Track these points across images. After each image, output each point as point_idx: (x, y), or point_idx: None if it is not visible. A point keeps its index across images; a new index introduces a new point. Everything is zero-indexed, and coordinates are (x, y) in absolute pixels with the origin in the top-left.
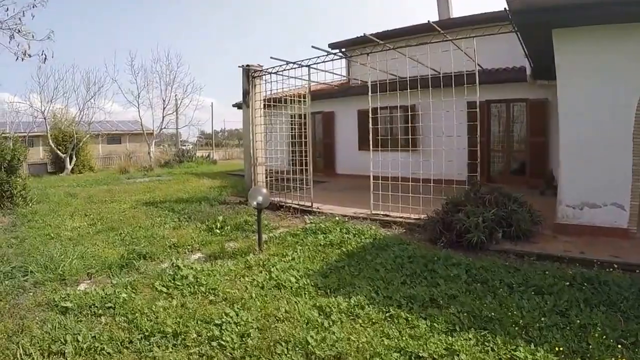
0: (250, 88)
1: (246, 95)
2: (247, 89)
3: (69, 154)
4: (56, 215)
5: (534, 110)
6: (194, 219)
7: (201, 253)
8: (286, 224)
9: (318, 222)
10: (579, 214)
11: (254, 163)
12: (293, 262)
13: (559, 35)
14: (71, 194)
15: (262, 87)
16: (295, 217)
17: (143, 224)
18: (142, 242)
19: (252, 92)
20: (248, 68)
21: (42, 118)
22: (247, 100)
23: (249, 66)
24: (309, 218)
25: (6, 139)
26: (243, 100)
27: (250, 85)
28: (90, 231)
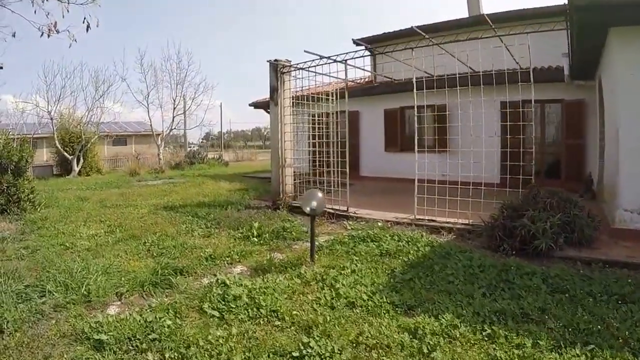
0: (278, 84)
1: (274, 92)
2: (275, 85)
3: (77, 156)
4: (68, 221)
5: (570, 111)
6: (224, 226)
7: (243, 266)
8: (325, 230)
9: (360, 228)
10: (636, 219)
11: (282, 164)
12: (355, 275)
13: (617, 33)
14: (82, 198)
15: (291, 84)
16: (332, 223)
17: (168, 231)
18: (172, 253)
19: (280, 88)
20: (276, 63)
21: (48, 118)
22: (275, 98)
23: (278, 61)
24: (348, 224)
25: (13, 140)
26: (270, 98)
27: (279, 82)
28: (110, 240)
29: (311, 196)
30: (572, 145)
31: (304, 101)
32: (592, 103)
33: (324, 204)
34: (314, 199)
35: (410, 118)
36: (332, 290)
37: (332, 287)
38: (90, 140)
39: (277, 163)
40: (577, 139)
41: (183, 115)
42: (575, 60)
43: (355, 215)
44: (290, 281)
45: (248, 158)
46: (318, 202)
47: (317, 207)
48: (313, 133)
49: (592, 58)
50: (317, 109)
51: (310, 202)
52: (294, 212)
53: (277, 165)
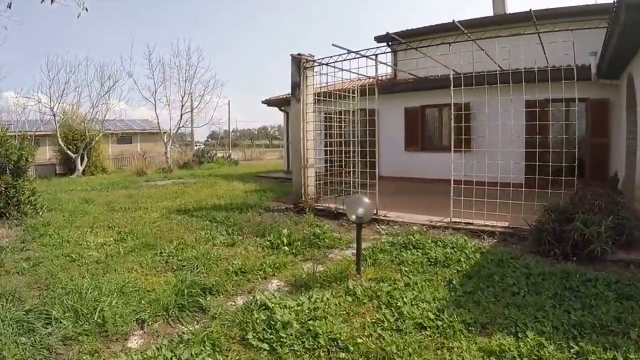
0: (301, 80)
1: (296, 88)
2: (297, 81)
3: (80, 154)
4: (73, 227)
5: (595, 110)
6: (248, 232)
7: (279, 280)
8: (353, 235)
9: (395, 232)
10: None
11: (304, 165)
12: (411, 289)
13: None
14: (87, 200)
15: (314, 80)
16: (363, 227)
17: (185, 238)
18: (194, 266)
19: (303, 84)
20: (299, 58)
21: (50, 115)
22: (297, 94)
23: (301, 55)
24: (381, 228)
25: (13, 137)
26: (292, 94)
27: (302, 77)
28: (121, 249)
29: (357, 202)
30: (598, 144)
31: (324, 98)
32: (616, 102)
33: (372, 211)
34: (360, 205)
35: (429, 117)
36: (392, 309)
37: (391, 306)
38: (95, 138)
39: (299, 163)
40: (602, 138)
41: (191, 113)
42: (607, 58)
43: (386, 218)
44: (339, 299)
45: (257, 157)
46: (365, 208)
47: (364, 215)
48: (331, 132)
49: (625, 57)
50: (337, 106)
51: (356, 208)
52: (319, 215)
53: (298, 166)
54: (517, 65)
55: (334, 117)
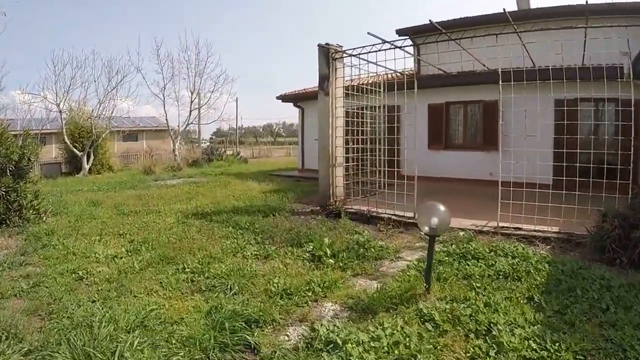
0: (330, 72)
1: (325, 80)
2: (326, 73)
3: (87, 152)
4: (80, 235)
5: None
6: (281, 241)
7: (333, 303)
8: (401, 242)
9: (444, 239)
10: None
11: (332, 164)
12: (495, 311)
13: None
14: (94, 202)
15: (344, 72)
16: (402, 232)
17: (209, 249)
18: (227, 286)
19: (332, 76)
20: (328, 48)
21: (57, 111)
22: (325, 87)
23: (329, 45)
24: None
25: (15, 136)
26: (320, 87)
27: (331, 69)
28: (135, 264)
29: (430, 211)
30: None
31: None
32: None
33: (448, 221)
34: (435, 214)
35: (454, 114)
36: (486, 338)
37: (481, 333)
38: (102, 135)
39: (327, 162)
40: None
41: (198, 110)
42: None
43: None
44: (417, 327)
45: (265, 155)
46: (441, 218)
47: (440, 226)
48: (355, 128)
49: None
50: (360, 101)
51: (429, 218)
52: (351, 219)
53: (326, 165)
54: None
55: (358, 113)
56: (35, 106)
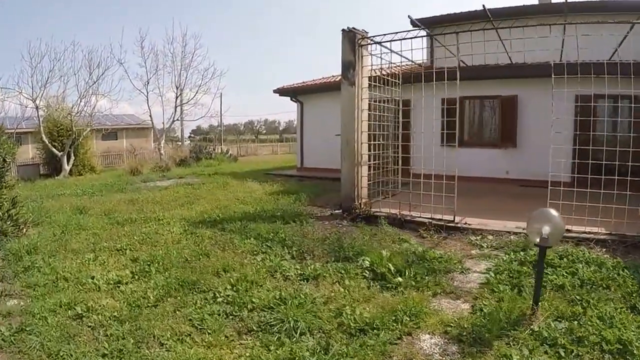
0: (356, 60)
1: (349, 69)
2: (351, 60)
3: (67, 152)
4: (69, 252)
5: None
6: (321, 255)
7: (431, 334)
8: (455, 251)
9: (498, 245)
10: None
11: (358, 162)
12: (607, 326)
13: None
14: (80, 209)
15: (371, 60)
16: (446, 238)
17: (239, 269)
18: (288, 322)
19: (358, 65)
20: (354, 33)
21: (33, 107)
22: (350, 77)
23: (355, 30)
24: (473, 239)
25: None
26: (343, 76)
27: (357, 57)
28: (149, 293)
29: (542, 218)
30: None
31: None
32: None
33: (562, 230)
34: (549, 222)
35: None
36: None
37: (617, 353)
38: (82, 133)
39: (352, 160)
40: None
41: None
42: None
43: (467, 226)
44: (545, 356)
45: (252, 152)
46: (554, 226)
47: (552, 234)
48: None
49: None
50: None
51: (540, 226)
52: (380, 223)
53: (351, 163)
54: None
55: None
56: (9, 102)
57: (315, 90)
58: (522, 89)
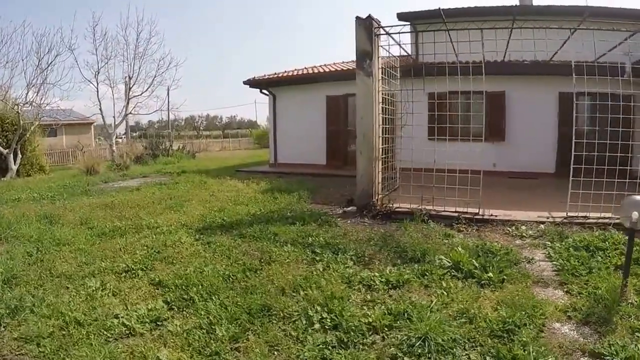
0: (372, 49)
1: (365, 58)
2: (368, 50)
3: (13, 149)
4: (61, 278)
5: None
6: (382, 258)
7: (561, 322)
8: (502, 242)
9: (534, 234)
10: None
11: (375, 157)
12: None
13: None
14: (49, 217)
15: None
16: (479, 230)
17: (308, 284)
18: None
19: (374, 55)
20: (371, 21)
21: None
22: (367, 67)
23: (372, 18)
24: (508, 230)
25: None
26: (359, 67)
27: (374, 46)
28: (217, 330)
29: (632, 204)
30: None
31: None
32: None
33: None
34: (637, 207)
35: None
36: None
37: None
38: (30, 128)
39: (369, 154)
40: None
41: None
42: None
43: (494, 217)
44: None
45: (204, 149)
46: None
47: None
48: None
49: None
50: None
51: (630, 211)
52: (397, 219)
53: (368, 158)
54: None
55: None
56: None
57: (290, 82)
58: (509, 85)
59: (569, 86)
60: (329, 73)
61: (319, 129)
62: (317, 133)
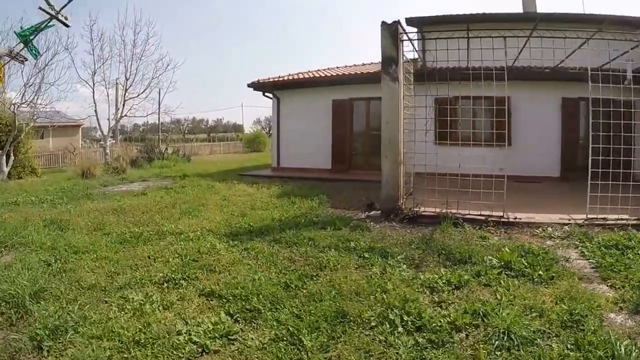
0: (398, 54)
1: (391, 63)
2: (394, 55)
3: (6, 151)
4: (93, 290)
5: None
6: (431, 261)
7: (614, 312)
8: (530, 243)
9: (561, 235)
10: None
11: (400, 161)
12: None
13: None
14: (57, 223)
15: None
16: (507, 232)
17: (371, 288)
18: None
19: (400, 60)
20: (396, 26)
21: None
22: (392, 72)
23: (398, 23)
24: (537, 232)
25: None
26: (384, 71)
27: (399, 51)
28: (304, 340)
29: None
30: None
31: None
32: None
33: None
34: None
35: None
36: None
37: None
38: (24, 129)
39: (394, 158)
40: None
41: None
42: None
43: (518, 220)
44: None
45: (195, 152)
46: None
47: None
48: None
49: None
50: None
51: None
52: (424, 223)
53: (394, 162)
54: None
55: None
56: None
57: (296, 86)
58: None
59: (572, 92)
60: (335, 77)
61: (325, 133)
62: (322, 137)
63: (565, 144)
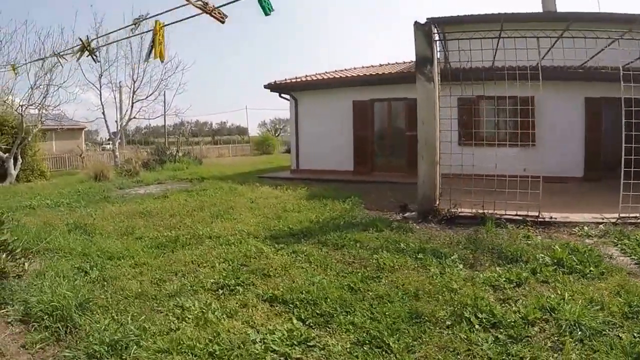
0: (433, 54)
1: (425, 64)
2: (428, 55)
3: (14, 154)
4: (141, 299)
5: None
6: (484, 262)
7: None
8: (571, 241)
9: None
10: None
11: (436, 161)
12: None
13: None
14: (81, 227)
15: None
16: (545, 232)
17: (433, 288)
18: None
19: (435, 60)
20: (430, 26)
21: None
22: (427, 72)
23: (431, 23)
24: (575, 231)
25: None
26: (419, 72)
27: (433, 52)
28: (390, 343)
29: None
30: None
31: None
32: None
33: None
34: None
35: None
36: None
37: None
38: (32, 131)
39: (431, 159)
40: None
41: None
42: None
43: (554, 220)
44: None
45: (204, 155)
46: None
47: None
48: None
49: None
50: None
51: None
52: (462, 224)
53: (431, 163)
54: None
55: None
56: None
57: (315, 87)
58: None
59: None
60: (356, 78)
61: (346, 134)
62: (343, 138)
63: (588, 144)
